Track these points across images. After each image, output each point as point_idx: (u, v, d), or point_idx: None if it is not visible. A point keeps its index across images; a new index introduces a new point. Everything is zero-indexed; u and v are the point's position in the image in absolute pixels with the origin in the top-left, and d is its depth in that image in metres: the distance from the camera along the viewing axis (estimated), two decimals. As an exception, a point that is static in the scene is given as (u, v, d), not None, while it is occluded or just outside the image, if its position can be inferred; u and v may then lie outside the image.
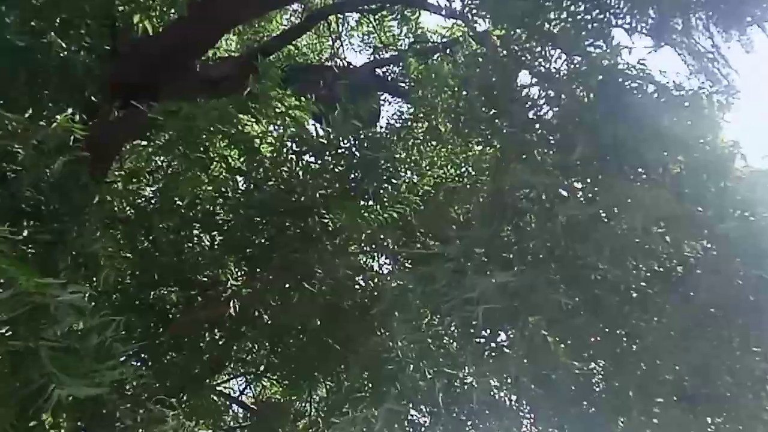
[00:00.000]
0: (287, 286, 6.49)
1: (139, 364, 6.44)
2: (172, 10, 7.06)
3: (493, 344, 4.97)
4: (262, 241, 6.34)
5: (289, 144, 6.45)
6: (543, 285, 4.28)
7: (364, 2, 9.60)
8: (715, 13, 7.08)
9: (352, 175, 6.55)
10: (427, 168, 7.62)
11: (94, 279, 5.61)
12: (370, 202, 6.63)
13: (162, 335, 6.64)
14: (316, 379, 7.47)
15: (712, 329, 4.25)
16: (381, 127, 8.28)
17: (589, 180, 4.96)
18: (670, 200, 4.28)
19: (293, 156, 6.47)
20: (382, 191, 6.74)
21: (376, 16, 9.94)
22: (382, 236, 6.61)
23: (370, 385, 6.48)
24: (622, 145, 4.78)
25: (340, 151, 6.55)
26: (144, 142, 6.48)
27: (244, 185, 6.47)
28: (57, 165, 5.44)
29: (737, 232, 4.10)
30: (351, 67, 9.75)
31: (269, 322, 6.95)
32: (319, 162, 6.58)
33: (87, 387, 3.14)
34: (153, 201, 6.73)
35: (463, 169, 7.55)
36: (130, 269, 6.48)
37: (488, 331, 4.91)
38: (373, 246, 6.90)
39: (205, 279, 6.73)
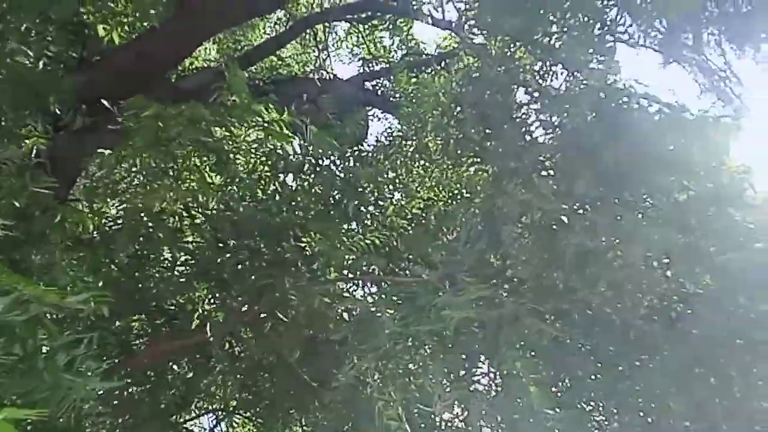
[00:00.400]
0: (261, 315, 6.39)
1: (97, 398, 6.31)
2: (145, 21, 7.02)
3: (474, 379, 4.90)
4: (235, 265, 6.24)
5: (265, 159, 6.37)
6: (530, 315, 4.22)
7: (353, 11, 9.59)
8: (729, 28, 7.09)
9: (333, 196, 6.49)
10: (417, 189, 7.57)
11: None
12: (353, 225, 6.58)
13: (124, 367, 6.53)
14: (292, 416, 7.34)
15: (713, 369, 4.18)
16: (369, 145, 8.26)
17: (587, 207, 4.89)
18: (673, 232, 4.21)
19: (269, 173, 6.40)
20: (366, 214, 6.68)
21: (366, 26, 9.93)
22: (365, 262, 6.53)
23: (349, 424, 6.38)
24: (623, 170, 4.73)
25: (319, 169, 6.47)
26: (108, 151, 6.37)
27: (215, 203, 6.38)
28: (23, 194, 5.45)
29: (740, 264, 4.03)
30: (338, 79, 9.73)
31: (241, 354, 6.85)
32: (298, 180, 6.51)
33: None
34: (118, 220, 6.65)
35: (455, 191, 7.49)
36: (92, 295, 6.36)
37: (467, 365, 4.85)
38: (358, 272, 6.81)
39: (172, 306, 6.63)
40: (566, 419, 4.74)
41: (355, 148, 7.46)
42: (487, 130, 5.94)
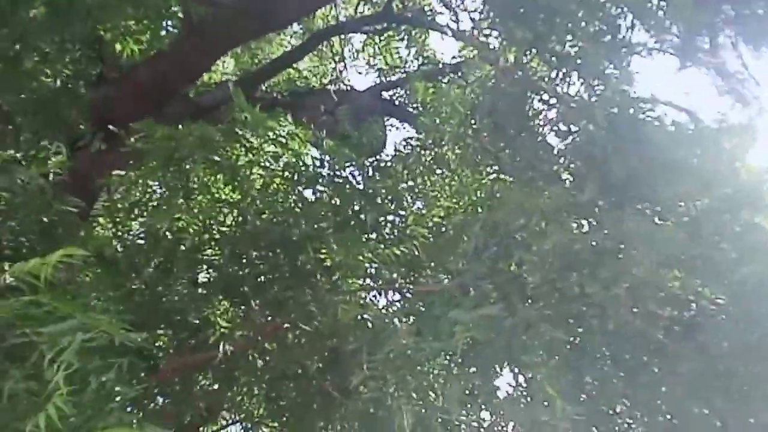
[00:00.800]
0: (283, 326, 6.42)
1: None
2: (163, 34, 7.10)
3: (494, 385, 4.90)
4: (255, 278, 6.28)
5: (281, 173, 6.41)
6: (545, 320, 4.21)
7: (369, 23, 9.63)
8: (745, 30, 7.05)
9: (352, 207, 6.51)
10: (437, 198, 7.55)
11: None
12: (373, 235, 6.58)
13: (149, 380, 6.58)
14: (317, 427, 7.34)
15: (731, 380, 4.14)
16: (387, 155, 8.27)
17: (600, 212, 4.88)
18: (686, 239, 4.19)
19: (286, 186, 6.43)
20: (386, 224, 6.69)
21: (382, 38, 9.97)
22: (386, 272, 6.54)
23: (372, 434, 6.39)
24: (637, 177, 4.71)
25: (338, 180, 6.50)
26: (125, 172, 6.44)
27: (233, 218, 6.42)
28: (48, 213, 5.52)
29: (757, 277, 3.99)
30: (355, 91, 9.77)
31: (264, 365, 6.88)
32: (316, 193, 6.54)
33: None
34: (140, 237, 6.71)
35: (475, 200, 7.47)
36: (117, 311, 6.42)
37: (483, 373, 4.84)
38: (379, 282, 6.82)
39: (196, 320, 6.67)
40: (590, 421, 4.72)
41: (373, 159, 7.48)
42: (503, 139, 5.95)
